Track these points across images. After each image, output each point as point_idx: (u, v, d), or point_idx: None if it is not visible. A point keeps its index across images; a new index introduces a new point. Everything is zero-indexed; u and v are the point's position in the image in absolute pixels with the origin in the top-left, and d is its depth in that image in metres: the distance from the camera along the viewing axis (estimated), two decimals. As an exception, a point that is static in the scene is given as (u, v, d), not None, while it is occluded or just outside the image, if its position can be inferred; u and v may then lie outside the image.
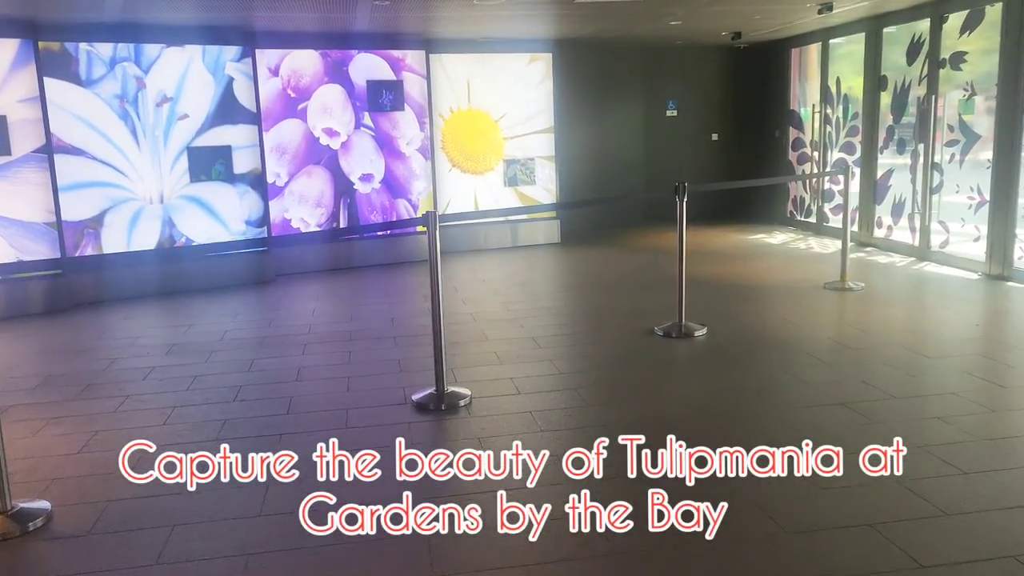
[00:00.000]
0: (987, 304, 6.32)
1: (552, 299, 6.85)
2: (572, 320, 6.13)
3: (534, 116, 9.62)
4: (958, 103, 7.66)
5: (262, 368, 5.10)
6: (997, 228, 7.03)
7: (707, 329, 5.59)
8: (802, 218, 10.56)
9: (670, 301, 5.72)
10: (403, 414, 4.20)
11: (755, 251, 9.00)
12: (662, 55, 11.22)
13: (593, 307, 6.59)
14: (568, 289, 7.33)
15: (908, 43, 8.21)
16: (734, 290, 6.95)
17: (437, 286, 4.40)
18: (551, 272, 8.35)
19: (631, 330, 5.71)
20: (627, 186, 11.20)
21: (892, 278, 7.35)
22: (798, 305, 6.33)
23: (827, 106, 9.77)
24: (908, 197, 8.30)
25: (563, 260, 9.03)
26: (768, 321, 5.88)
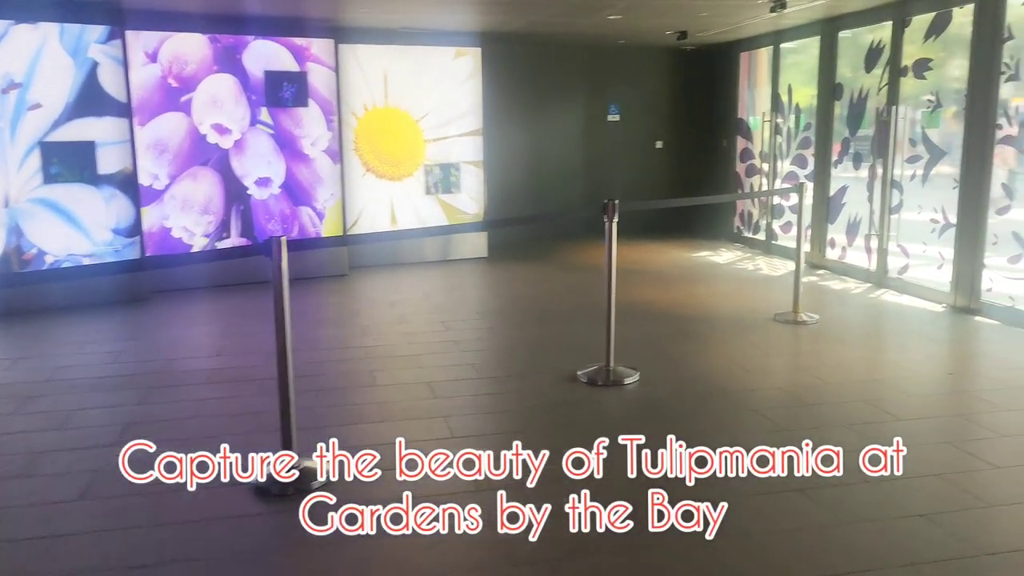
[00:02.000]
0: (957, 345, 5.57)
1: (466, 330, 5.89)
2: (483, 359, 5.18)
3: (460, 117, 8.66)
4: (921, 115, 6.93)
5: (79, 424, 4.03)
6: (964, 255, 6.29)
7: (639, 375, 4.70)
8: (750, 234, 9.80)
9: (602, 334, 4.81)
10: (237, 503, 3.20)
11: (700, 272, 8.18)
12: (604, 55, 10.36)
13: (512, 342, 5.66)
14: (487, 317, 6.38)
15: (866, 48, 7.48)
16: (674, 322, 6.09)
17: (284, 333, 3.39)
18: (471, 294, 7.40)
19: (551, 374, 4.79)
20: (564, 196, 10.32)
21: (848, 309, 6.57)
22: (745, 343, 5.49)
23: (778, 115, 9.01)
24: (864, 216, 7.56)
25: (487, 279, 8.09)
26: (711, 364, 5.01)
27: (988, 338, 5.61)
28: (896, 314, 6.35)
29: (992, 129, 6.02)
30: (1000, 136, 6.00)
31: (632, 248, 9.43)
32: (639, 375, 4.70)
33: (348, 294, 7.28)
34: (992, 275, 6.11)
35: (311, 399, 4.35)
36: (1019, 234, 5.88)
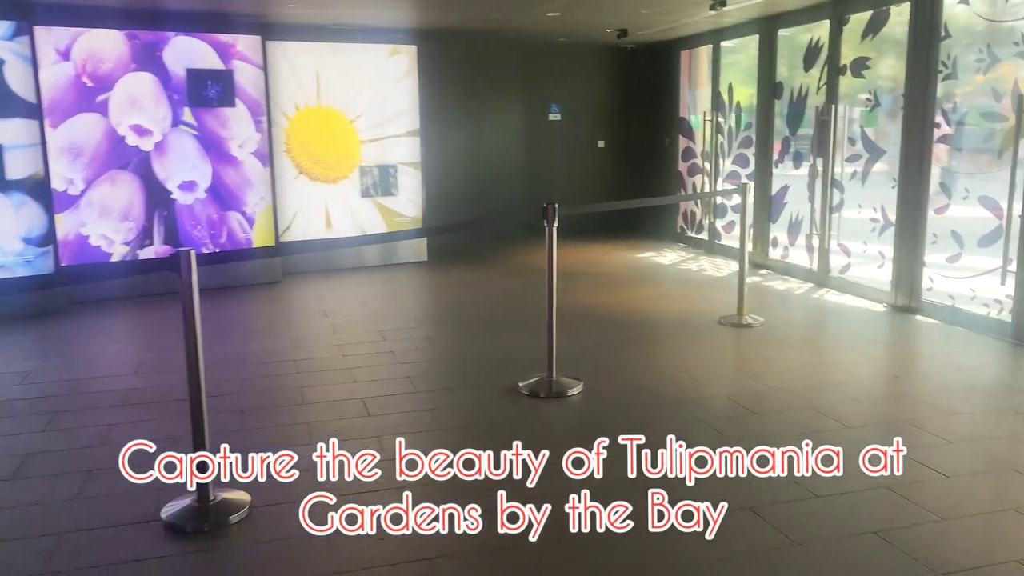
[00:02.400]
0: (900, 346, 5.52)
1: (403, 340, 5.64)
2: (421, 372, 4.94)
3: (396, 117, 8.38)
4: (860, 114, 6.91)
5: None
6: (903, 254, 6.28)
7: (583, 386, 4.52)
8: (693, 234, 9.74)
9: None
10: (144, 538, 2.90)
11: (644, 274, 8.06)
12: (544, 53, 10.19)
13: (451, 352, 5.43)
14: (426, 325, 6.13)
15: (805, 47, 7.44)
16: (619, 327, 5.93)
17: (196, 356, 3.10)
18: (410, 301, 7.14)
19: (492, 387, 4.58)
20: (505, 197, 10.11)
21: (792, 310, 6.51)
22: (691, 348, 5.36)
23: (718, 114, 8.96)
24: (806, 215, 7.53)
25: (427, 284, 7.84)
26: (657, 372, 4.86)
27: (930, 338, 5.58)
28: (839, 314, 6.31)
29: (930, 128, 6.01)
30: (938, 135, 5.99)
31: (576, 250, 9.28)
32: (583, 386, 4.52)
33: (280, 303, 6.96)
34: (932, 274, 6.10)
35: (232, 421, 4.06)
36: (958, 233, 5.87)
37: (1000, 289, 5.43)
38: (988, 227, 5.54)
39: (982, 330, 5.54)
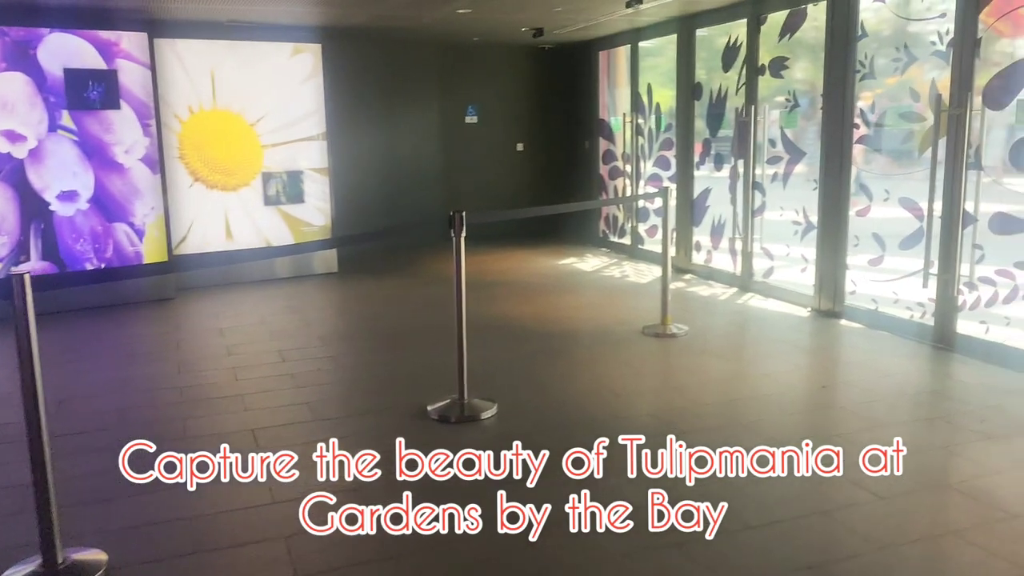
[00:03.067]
0: (826, 353, 5.36)
1: (305, 360, 5.20)
2: (322, 396, 4.51)
3: (301, 120, 7.90)
4: (779, 115, 6.78)
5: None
6: (826, 257, 6.15)
7: (498, 408, 4.17)
8: (616, 239, 9.53)
9: (468, 358, 4.25)
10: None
11: (565, 281, 7.77)
12: (459, 54, 9.84)
13: (357, 372, 5.01)
14: (331, 343, 5.69)
15: (723, 47, 7.29)
16: (539, 339, 5.61)
17: (34, 394, 2.64)
18: (316, 316, 6.67)
19: (398, 412, 4.19)
20: (421, 203, 9.71)
21: (716, 317, 6.31)
22: (614, 361, 5.08)
23: (638, 115, 8.76)
24: (728, 219, 7.37)
25: (336, 298, 7.38)
26: (578, 389, 4.55)
27: (854, 344, 5.43)
28: (764, 320, 6.13)
29: (849, 129, 5.88)
30: (857, 136, 5.87)
31: (495, 257, 8.95)
32: (497, 407, 4.17)
33: (171, 322, 6.40)
34: (855, 277, 5.98)
35: (95, 462, 3.57)
36: (879, 235, 5.76)
37: (922, 292, 5.32)
38: (909, 229, 5.42)
39: (905, 334, 5.42)
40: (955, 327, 5.10)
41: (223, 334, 5.90)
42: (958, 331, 5.08)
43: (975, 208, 4.98)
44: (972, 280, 5.03)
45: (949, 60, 5.02)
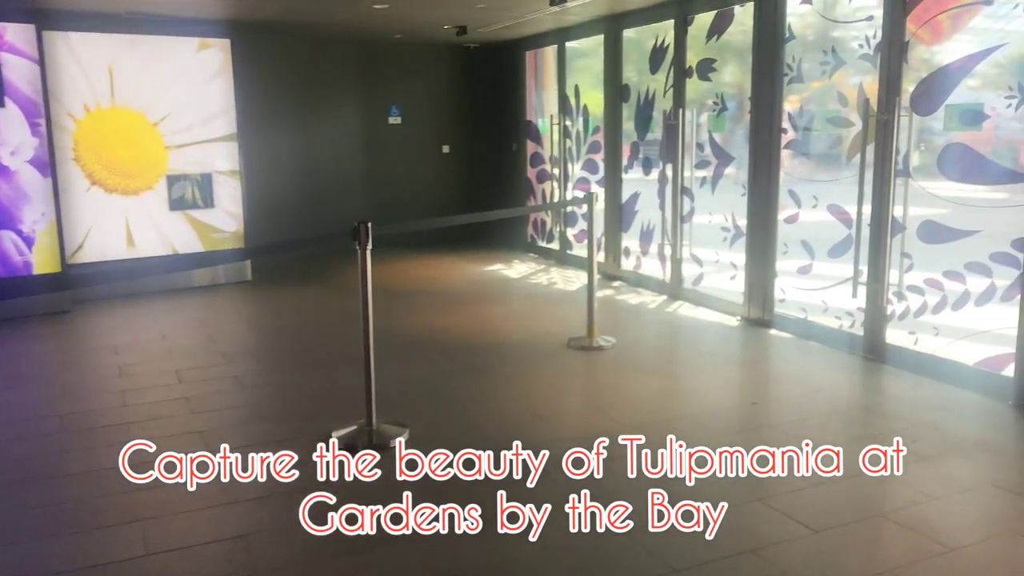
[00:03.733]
0: (755, 365, 5.19)
1: (204, 381, 4.79)
2: (218, 423, 4.12)
3: (209, 119, 7.42)
4: (707, 118, 6.62)
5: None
6: (755, 264, 6.00)
7: (409, 433, 3.85)
8: (544, 244, 9.29)
9: (380, 377, 3.93)
10: None
11: (491, 289, 7.49)
12: (381, 52, 9.46)
13: (260, 395, 4.62)
14: (235, 361, 5.28)
15: (651, 49, 7.10)
16: (459, 354, 5.31)
17: None
18: (223, 331, 6.22)
19: (300, 441, 3.83)
20: (341, 208, 9.29)
21: (645, 327, 6.11)
22: (537, 378, 4.81)
23: (566, 118, 8.53)
24: (657, 224, 7.19)
25: (247, 310, 6.94)
26: (497, 410, 4.26)
27: (785, 356, 5.28)
28: (693, 331, 5.95)
29: (777, 133, 5.75)
30: (785, 140, 5.74)
31: (418, 264, 8.62)
32: (409, 433, 3.85)
33: (62, 339, 5.89)
34: (784, 285, 5.84)
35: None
36: (808, 242, 5.63)
37: (852, 301, 5.19)
38: (838, 236, 5.30)
39: (835, 344, 5.30)
40: (885, 338, 4.99)
41: (118, 352, 5.42)
42: (888, 342, 4.97)
43: (904, 215, 4.87)
44: (901, 289, 4.92)
45: (877, 64, 4.90)
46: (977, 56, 4.39)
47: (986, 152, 4.44)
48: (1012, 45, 4.27)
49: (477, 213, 5.55)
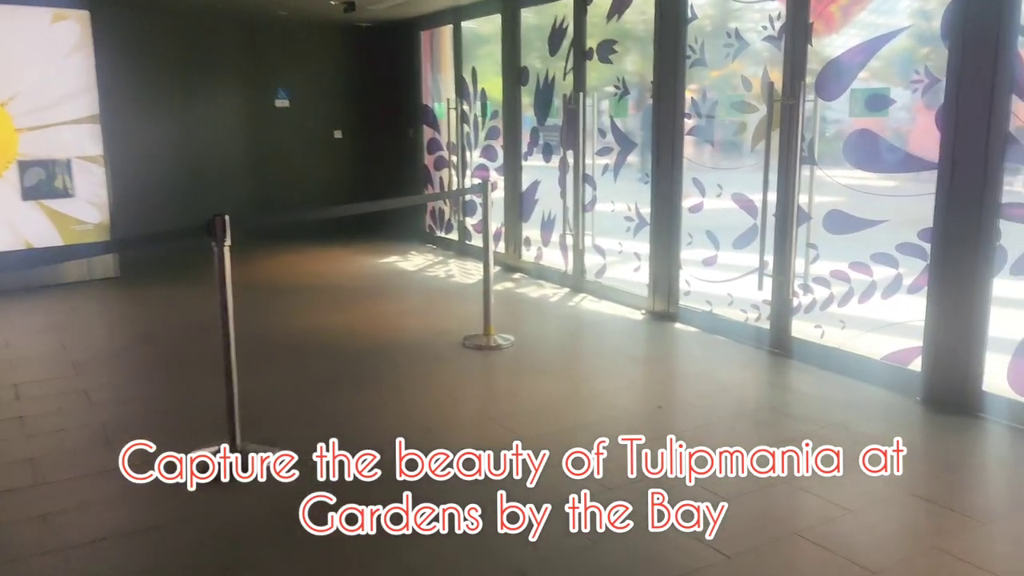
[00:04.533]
0: (660, 363, 4.94)
1: (46, 397, 4.19)
2: (53, 448, 3.56)
3: (67, 99, 6.68)
4: (609, 103, 6.34)
5: None
6: (659, 256, 5.76)
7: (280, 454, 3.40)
8: (443, 234, 8.88)
9: (252, 389, 3.45)
10: None
11: (384, 284, 7.03)
12: (266, 29, 8.82)
13: (109, 412, 4.05)
14: (88, 371, 4.67)
15: (550, 29, 6.76)
16: (346, 358, 4.86)
17: None
18: (78, 335, 5.54)
19: (151, 464, 3.32)
20: (226, 195, 8.63)
21: (546, 323, 5.79)
22: (428, 382, 4.41)
23: (463, 101, 8.12)
24: (558, 214, 6.88)
25: (109, 311, 6.28)
26: (383, 424, 3.84)
27: (690, 352, 5.06)
28: (596, 326, 5.67)
29: (680, 119, 5.50)
30: (688, 126, 5.50)
31: (308, 257, 8.08)
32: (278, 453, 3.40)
33: None
34: (689, 277, 5.62)
35: None
36: (713, 232, 5.42)
37: (757, 294, 5.00)
38: (743, 226, 5.10)
39: (741, 338, 5.10)
40: (791, 331, 4.81)
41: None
42: (794, 335, 4.80)
43: (809, 204, 4.69)
44: (807, 281, 4.75)
45: (781, 47, 4.69)
46: (883, 38, 4.21)
47: (892, 139, 4.29)
48: (918, 26, 4.11)
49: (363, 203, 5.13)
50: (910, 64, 4.14)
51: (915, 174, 4.14)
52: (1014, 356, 3.76)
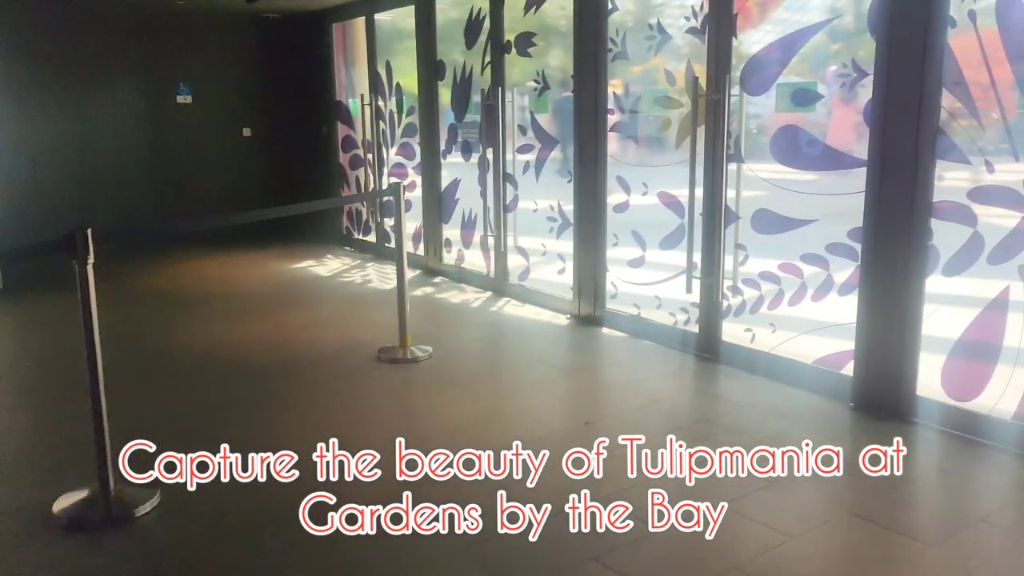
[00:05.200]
0: (587, 373, 4.68)
1: None
2: None
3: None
4: (529, 98, 6.07)
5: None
6: (584, 257, 5.52)
7: (159, 499, 3.01)
8: (361, 236, 8.49)
9: (141, 415, 3.05)
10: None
11: (297, 291, 6.62)
12: (164, 20, 8.25)
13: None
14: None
15: (466, 20, 6.45)
16: (250, 376, 4.47)
17: None
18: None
19: (12, 516, 2.89)
20: (122, 199, 8.05)
21: (466, 331, 5.49)
22: (337, 403, 4.06)
23: (378, 97, 7.74)
24: (480, 214, 6.58)
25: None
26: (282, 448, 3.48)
27: (618, 359, 4.83)
28: (519, 333, 5.40)
29: (603, 115, 5.27)
30: (611, 123, 5.27)
31: (216, 264, 7.59)
32: (159, 496, 3.01)
33: None
34: (615, 279, 5.40)
35: None
36: (639, 233, 5.21)
37: (686, 296, 4.80)
38: (670, 226, 4.89)
39: (670, 343, 4.90)
40: (721, 335, 4.63)
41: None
42: (724, 339, 4.61)
43: (737, 203, 4.51)
44: (736, 283, 4.57)
45: (705, 39, 4.49)
46: (810, 29, 4.04)
47: (820, 135, 4.13)
48: (846, 17, 3.95)
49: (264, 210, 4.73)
50: (837, 57, 3.98)
51: (844, 171, 3.98)
52: (948, 358, 3.64)
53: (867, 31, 3.71)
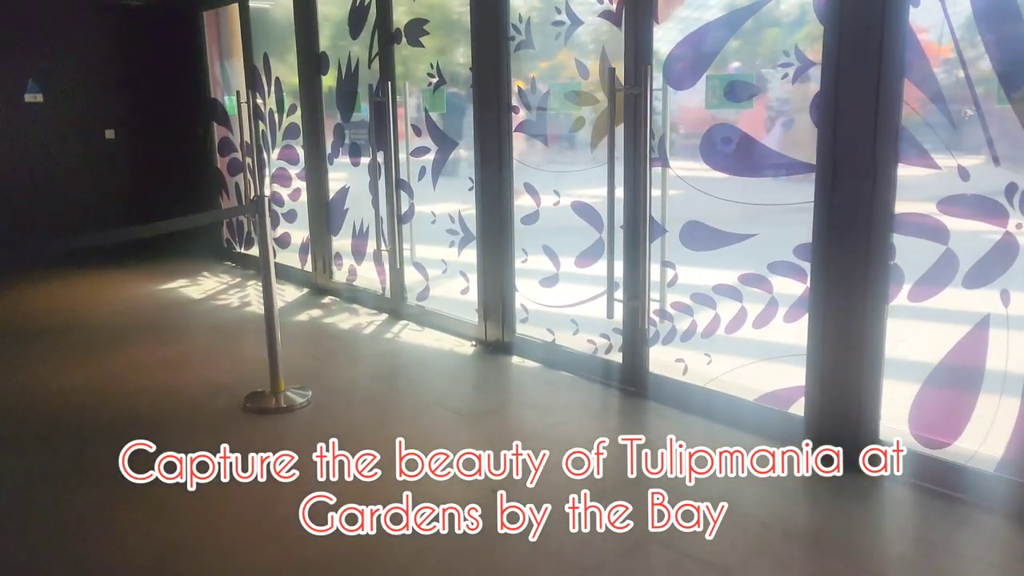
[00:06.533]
0: (492, 419, 3.95)
1: None
2: None
3: None
4: (423, 94, 5.33)
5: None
6: (490, 275, 4.83)
7: None
8: (243, 250, 7.57)
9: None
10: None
11: (159, 319, 5.70)
12: (7, 10, 7.14)
13: None
14: None
15: (350, 4, 5.67)
16: (67, 439, 3.58)
17: None
18: None
19: None
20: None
21: (355, 366, 4.71)
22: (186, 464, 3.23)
23: (256, 95, 6.86)
24: (372, 226, 5.81)
25: None
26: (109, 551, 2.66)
27: (529, 398, 4.14)
28: (416, 366, 4.66)
29: (506, 113, 4.58)
30: (516, 122, 4.59)
31: (68, 286, 6.57)
32: None
33: None
34: (526, 301, 4.72)
35: None
36: (551, 247, 4.54)
37: (607, 321, 4.16)
38: (587, 240, 4.24)
39: (589, 374, 4.27)
40: (647, 366, 4.01)
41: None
42: (652, 370, 3.99)
43: (663, 215, 3.90)
44: (665, 307, 3.95)
45: (621, 24, 3.85)
46: (746, 10, 3.44)
47: (758, 135, 3.54)
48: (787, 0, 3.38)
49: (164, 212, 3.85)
50: (778, 44, 3.39)
51: (790, 177, 3.40)
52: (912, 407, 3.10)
53: (812, 11, 3.14)
